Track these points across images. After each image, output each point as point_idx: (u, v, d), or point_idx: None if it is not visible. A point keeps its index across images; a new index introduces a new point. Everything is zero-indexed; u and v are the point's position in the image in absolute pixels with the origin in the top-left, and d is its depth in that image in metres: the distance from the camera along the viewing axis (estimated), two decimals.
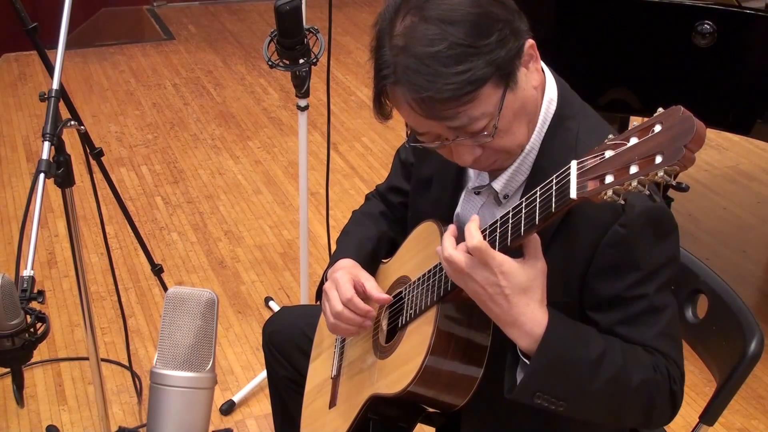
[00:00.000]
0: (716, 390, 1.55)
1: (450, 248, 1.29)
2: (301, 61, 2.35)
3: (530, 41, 1.33)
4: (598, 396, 1.32)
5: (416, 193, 1.66)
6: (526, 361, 1.30)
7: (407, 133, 1.40)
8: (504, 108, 1.30)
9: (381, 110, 1.37)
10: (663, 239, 1.35)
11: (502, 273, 1.25)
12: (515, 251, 1.28)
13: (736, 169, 4.03)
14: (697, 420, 1.58)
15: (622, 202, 1.08)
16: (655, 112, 1.08)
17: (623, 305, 1.35)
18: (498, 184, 1.44)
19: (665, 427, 1.75)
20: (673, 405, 1.40)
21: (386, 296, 1.56)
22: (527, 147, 1.40)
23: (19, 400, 1.48)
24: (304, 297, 2.84)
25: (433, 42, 1.25)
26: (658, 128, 1.05)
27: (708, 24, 2.46)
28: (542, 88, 1.39)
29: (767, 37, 2.48)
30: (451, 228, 1.34)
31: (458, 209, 1.55)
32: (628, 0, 2.60)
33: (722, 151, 4.17)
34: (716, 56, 2.49)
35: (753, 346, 1.52)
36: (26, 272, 1.53)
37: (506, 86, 1.29)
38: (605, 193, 1.08)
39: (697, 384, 2.61)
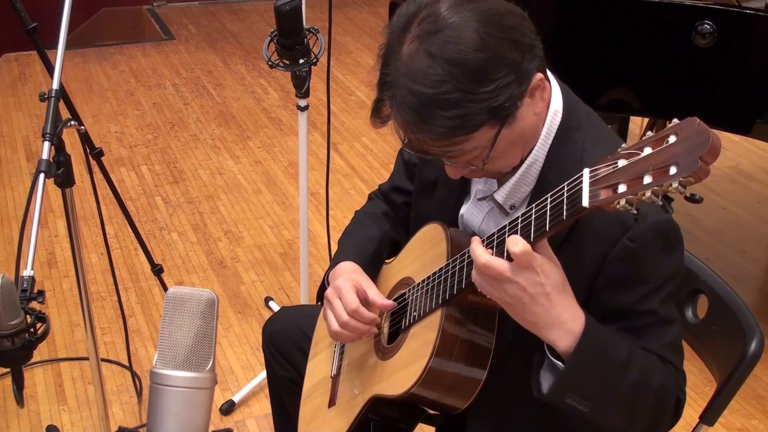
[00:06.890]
0: (716, 390, 1.55)
1: (486, 254, 1.23)
2: (301, 61, 2.35)
3: (539, 75, 1.30)
4: (623, 398, 1.30)
5: (420, 194, 1.66)
6: (556, 361, 1.28)
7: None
8: (498, 141, 1.29)
9: (375, 122, 1.35)
10: (670, 252, 1.35)
11: (543, 272, 1.20)
12: None
13: (736, 169, 4.03)
14: (697, 420, 1.58)
15: (635, 211, 1.07)
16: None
17: (632, 317, 1.34)
18: (500, 196, 1.44)
19: None
20: (676, 414, 1.40)
21: (390, 302, 1.55)
22: (531, 159, 1.39)
23: (19, 400, 1.48)
24: (304, 297, 2.84)
25: (433, 83, 1.23)
26: (672, 139, 1.05)
27: (708, 24, 2.46)
28: (546, 106, 1.37)
29: (767, 37, 2.48)
30: (476, 238, 1.28)
31: (463, 211, 1.55)
32: (628, 0, 2.60)
33: (722, 151, 4.13)
34: (716, 56, 2.49)
35: (753, 346, 1.52)
36: (26, 272, 1.53)
37: (503, 124, 1.28)
38: (618, 203, 1.07)
39: (697, 384, 2.60)
